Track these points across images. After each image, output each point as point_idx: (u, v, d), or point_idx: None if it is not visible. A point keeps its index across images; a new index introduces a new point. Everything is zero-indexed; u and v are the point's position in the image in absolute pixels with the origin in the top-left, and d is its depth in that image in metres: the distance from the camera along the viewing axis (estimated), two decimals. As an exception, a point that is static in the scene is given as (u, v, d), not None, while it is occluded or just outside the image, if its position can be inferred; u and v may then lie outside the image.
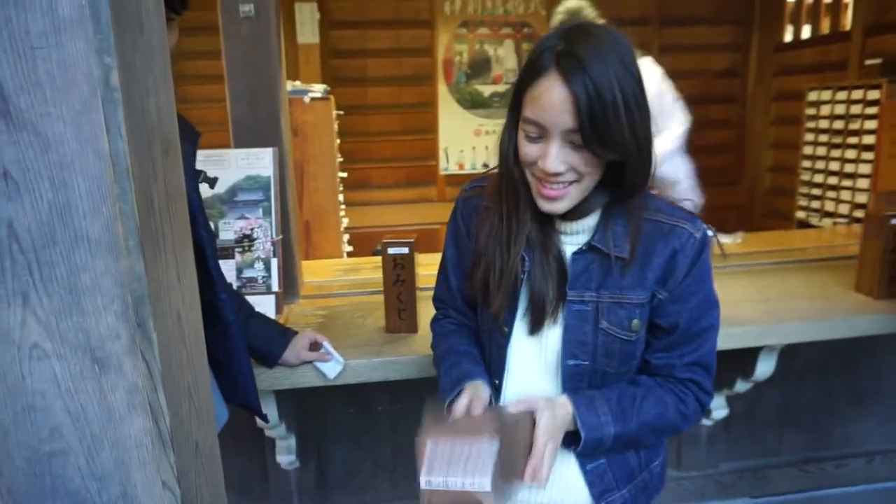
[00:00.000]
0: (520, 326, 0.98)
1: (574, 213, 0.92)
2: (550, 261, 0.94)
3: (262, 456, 1.96)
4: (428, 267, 2.07)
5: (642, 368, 1.00)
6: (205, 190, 1.62)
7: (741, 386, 1.79)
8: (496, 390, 1.01)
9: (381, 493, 2.06)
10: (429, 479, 0.78)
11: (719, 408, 1.92)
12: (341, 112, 2.62)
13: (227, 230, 1.68)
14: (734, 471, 2.21)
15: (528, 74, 0.85)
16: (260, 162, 1.68)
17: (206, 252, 1.11)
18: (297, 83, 2.63)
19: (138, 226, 0.56)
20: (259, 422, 1.64)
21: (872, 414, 2.28)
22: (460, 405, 0.90)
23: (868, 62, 3.25)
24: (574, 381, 0.96)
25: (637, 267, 0.92)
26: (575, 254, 0.94)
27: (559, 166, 0.85)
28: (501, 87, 4.71)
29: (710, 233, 0.96)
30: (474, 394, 0.92)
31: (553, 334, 0.96)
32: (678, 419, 0.96)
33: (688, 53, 4.98)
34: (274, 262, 1.68)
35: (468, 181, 1.08)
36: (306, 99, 2.27)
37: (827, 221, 3.49)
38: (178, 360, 0.64)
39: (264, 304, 1.62)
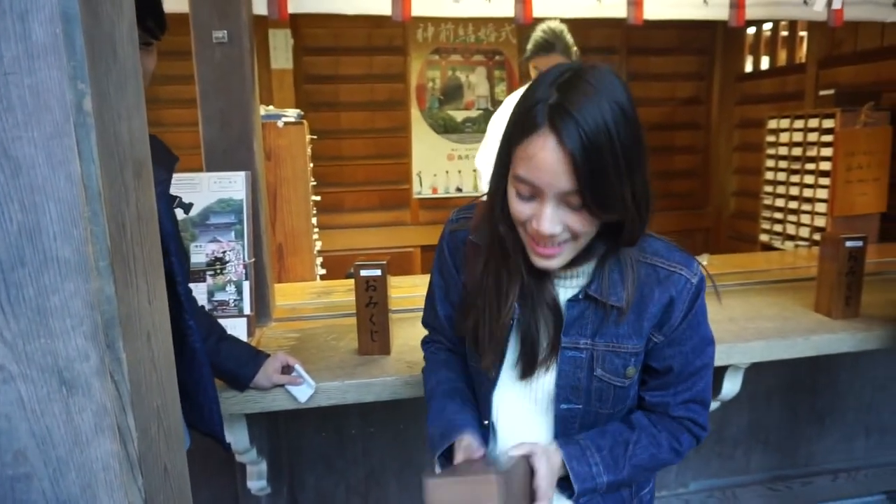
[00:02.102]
0: (508, 372, 0.97)
1: (569, 264, 0.88)
2: (545, 308, 0.91)
3: (232, 482, 1.93)
4: (401, 289, 2.09)
5: (637, 404, 1.00)
6: (178, 214, 1.62)
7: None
8: (487, 429, 1.01)
9: (354, 519, 2.03)
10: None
11: (688, 427, 1.95)
12: (314, 136, 2.64)
13: (199, 253, 1.67)
14: (704, 489, 2.24)
15: (520, 129, 0.80)
16: (232, 185, 1.68)
17: (176, 278, 1.11)
18: (271, 108, 2.64)
19: (109, 248, 0.56)
20: (230, 443, 1.62)
21: (834, 432, 2.33)
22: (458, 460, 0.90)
23: (822, 93, 3.40)
24: (566, 423, 0.95)
25: (633, 315, 0.90)
26: (570, 300, 0.92)
27: (554, 228, 0.81)
28: (474, 113, 4.78)
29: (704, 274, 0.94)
30: (467, 453, 0.90)
31: (544, 379, 0.94)
32: (670, 456, 0.97)
33: (654, 82, 5.13)
34: (246, 286, 1.68)
35: (456, 209, 1.06)
36: (280, 123, 2.28)
37: (789, 244, 3.60)
38: (147, 383, 0.64)
39: (236, 328, 1.61)
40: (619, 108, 0.76)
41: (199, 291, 1.63)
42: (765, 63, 4.85)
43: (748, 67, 5.05)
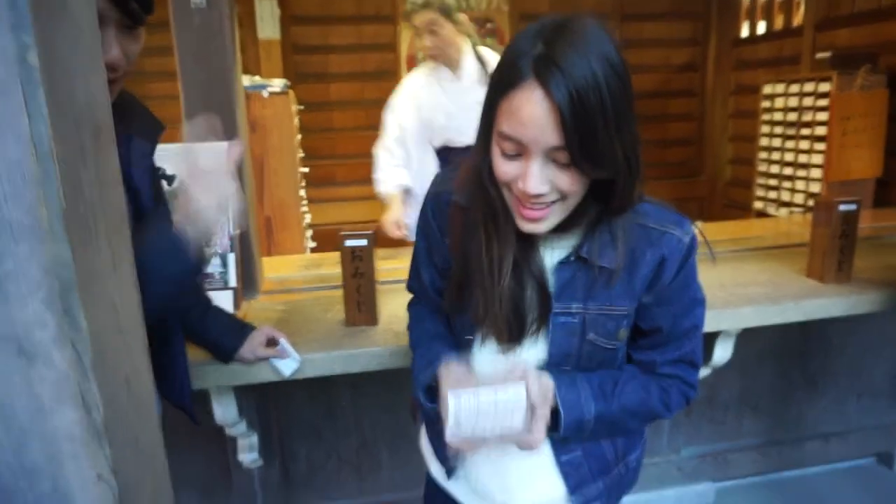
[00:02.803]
0: (490, 343, 0.94)
1: (558, 228, 0.84)
2: (532, 274, 0.88)
3: (223, 454, 1.93)
4: (389, 261, 2.07)
5: (625, 362, 0.99)
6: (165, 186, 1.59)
7: (701, 371, 1.82)
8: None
9: (347, 488, 2.04)
10: (455, 433, 0.78)
11: (679, 394, 1.95)
12: (302, 107, 2.60)
13: None
14: (696, 455, 2.25)
15: (503, 82, 0.76)
16: (210, 156, 1.64)
17: None
18: (257, 78, 2.59)
19: (64, 210, 0.54)
20: (218, 419, 1.62)
21: (825, 396, 2.34)
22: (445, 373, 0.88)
23: (818, 55, 3.34)
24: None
25: (624, 276, 0.88)
26: (560, 263, 0.88)
27: (541, 187, 0.76)
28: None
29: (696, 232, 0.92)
30: (455, 376, 0.87)
31: (531, 347, 0.92)
32: (660, 407, 0.95)
33: (649, 48, 5.05)
34: (231, 258, 1.65)
35: (436, 175, 1.03)
36: (265, 93, 2.24)
37: (783, 211, 3.58)
38: (113, 350, 0.62)
39: (222, 300, 1.59)
40: (607, 60, 0.72)
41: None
42: (761, 28, 4.77)
43: (744, 32, 4.97)
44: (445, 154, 2.47)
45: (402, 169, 2.41)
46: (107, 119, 0.65)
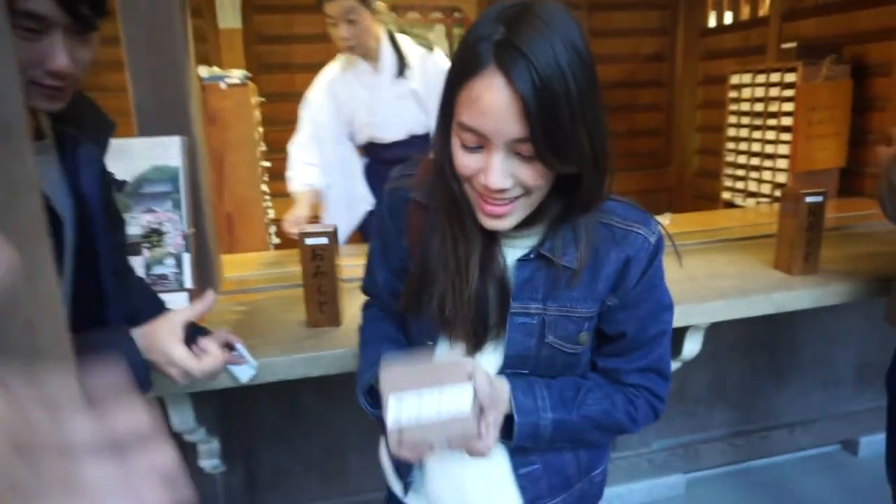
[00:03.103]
0: (446, 344, 0.89)
1: (519, 224, 0.80)
2: (494, 272, 0.83)
3: (183, 460, 1.86)
4: (355, 258, 2.01)
5: (590, 370, 0.93)
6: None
7: (671, 364, 1.81)
8: None
9: (314, 493, 1.99)
10: (397, 438, 0.72)
11: (649, 388, 1.94)
12: (263, 99, 2.51)
13: (134, 224, 1.56)
14: (666, 448, 2.26)
15: (462, 69, 0.71)
16: (167, 151, 1.57)
17: (100, 264, 1.01)
18: (215, 69, 2.49)
19: (-40, 222, 0.48)
20: (175, 427, 1.55)
21: (792, 386, 2.36)
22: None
23: (784, 46, 3.36)
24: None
25: (587, 277, 0.83)
26: (520, 261, 0.84)
27: (504, 181, 0.72)
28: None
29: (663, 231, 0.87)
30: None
31: (491, 353, 0.87)
32: (626, 420, 0.89)
33: (617, 38, 5.04)
34: (186, 258, 1.58)
35: (396, 168, 0.97)
36: (222, 85, 2.15)
37: (750, 201, 3.60)
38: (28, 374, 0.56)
39: (177, 303, 1.52)
40: (572, 46, 0.68)
41: (135, 265, 1.54)
42: (728, 17, 4.79)
43: (712, 22, 4.99)
44: (372, 151, 2.36)
45: (313, 168, 2.25)
46: (17, 119, 0.58)
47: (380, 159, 2.29)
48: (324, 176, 2.25)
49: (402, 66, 2.21)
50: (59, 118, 0.95)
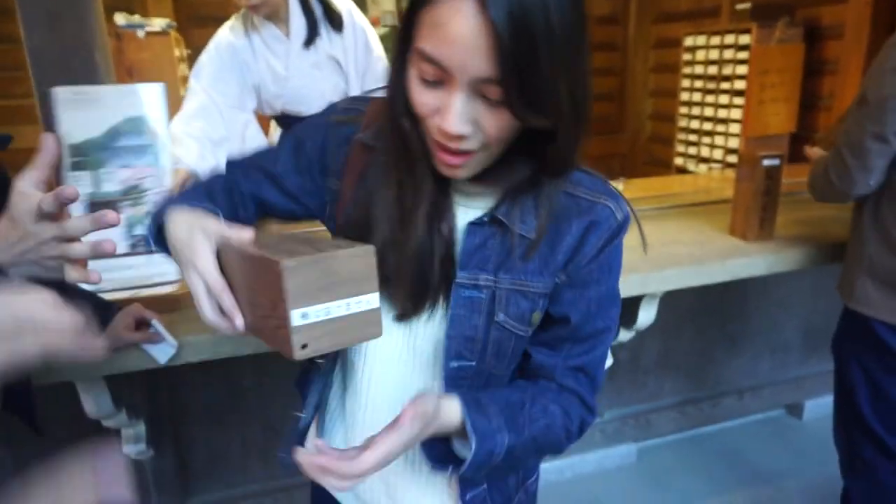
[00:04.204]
0: (383, 308, 0.76)
1: (478, 179, 0.70)
2: (442, 228, 0.72)
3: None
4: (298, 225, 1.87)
5: (520, 363, 0.81)
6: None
7: (624, 335, 1.75)
8: (347, 382, 0.83)
9: (253, 475, 1.88)
10: (305, 311, 0.56)
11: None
12: (189, 51, 2.30)
13: (111, 181, 1.38)
14: (618, 418, 2.23)
15: None
16: (141, 100, 1.37)
17: None
18: (136, 17, 2.27)
19: None
20: (90, 413, 1.41)
21: (742, 354, 2.37)
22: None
23: (739, 6, 3.31)
24: (454, 385, 0.76)
25: (545, 248, 0.73)
26: (472, 224, 0.73)
27: (463, 127, 0.61)
28: (380, 31, 4.40)
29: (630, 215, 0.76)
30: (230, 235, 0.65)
31: (430, 324, 0.75)
32: (562, 436, 0.78)
33: None
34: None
35: (343, 99, 0.83)
36: (140, 33, 1.94)
37: (703, 167, 3.60)
38: None
39: (162, 265, 1.35)
40: None
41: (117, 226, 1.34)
42: (682, -20, 4.72)
43: (665, -16, 4.92)
44: (285, 123, 2.10)
45: (193, 145, 1.84)
46: None
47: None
48: (209, 156, 1.85)
49: (312, 32, 1.93)
50: None
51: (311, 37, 1.93)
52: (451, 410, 0.70)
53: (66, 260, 0.70)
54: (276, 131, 2.20)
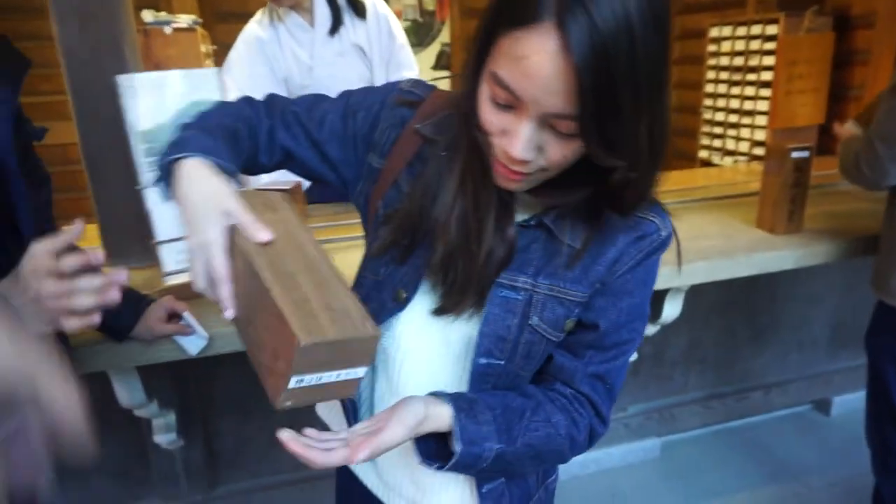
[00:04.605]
0: (424, 298, 0.77)
1: (535, 189, 0.69)
2: (507, 234, 0.72)
3: (140, 436, 1.76)
4: (322, 217, 1.89)
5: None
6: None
7: (649, 329, 1.74)
8: (377, 378, 0.85)
9: (279, 465, 1.91)
10: (302, 378, 0.60)
11: (629, 353, 1.89)
12: (215, 47, 2.33)
13: None
14: (642, 412, 2.22)
15: (512, 13, 0.56)
16: (205, 83, 1.37)
17: (21, 228, 0.88)
18: (163, 14, 2.29)
19: None
20: (123, 402, 1.44)
21: (769, 348, 2.34)
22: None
23: (766, -4, 3.26)
24: (481, 382, 0.77)
25: (587, 259, 0.73)
26: (518, 225, 0.73)
27: (528, 154, 0.60)
28: (402, 24, 4.42)
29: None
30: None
31: (465, 319, 0.76)
32: (566, 446, 0.77)
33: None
34: (129, 220, 1.44)
35: (405, 80, 0.81)
36: (167, 30, 1.96)
37: (728, 160, 3.55)
38: None
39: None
40: (651, 11, 0.54)
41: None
42: (707, -30, 4.65)
43: (690, -25, 4.85)
44: None
45: None
46: None
47: None
48: None
49: (336, 21, 1.93)
50: None
51: (336, 25, 1.95)
52: (440, 418, 0.71)
53: (69, 314, 0.72)
54: None
